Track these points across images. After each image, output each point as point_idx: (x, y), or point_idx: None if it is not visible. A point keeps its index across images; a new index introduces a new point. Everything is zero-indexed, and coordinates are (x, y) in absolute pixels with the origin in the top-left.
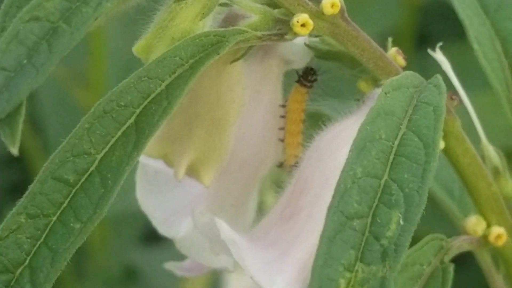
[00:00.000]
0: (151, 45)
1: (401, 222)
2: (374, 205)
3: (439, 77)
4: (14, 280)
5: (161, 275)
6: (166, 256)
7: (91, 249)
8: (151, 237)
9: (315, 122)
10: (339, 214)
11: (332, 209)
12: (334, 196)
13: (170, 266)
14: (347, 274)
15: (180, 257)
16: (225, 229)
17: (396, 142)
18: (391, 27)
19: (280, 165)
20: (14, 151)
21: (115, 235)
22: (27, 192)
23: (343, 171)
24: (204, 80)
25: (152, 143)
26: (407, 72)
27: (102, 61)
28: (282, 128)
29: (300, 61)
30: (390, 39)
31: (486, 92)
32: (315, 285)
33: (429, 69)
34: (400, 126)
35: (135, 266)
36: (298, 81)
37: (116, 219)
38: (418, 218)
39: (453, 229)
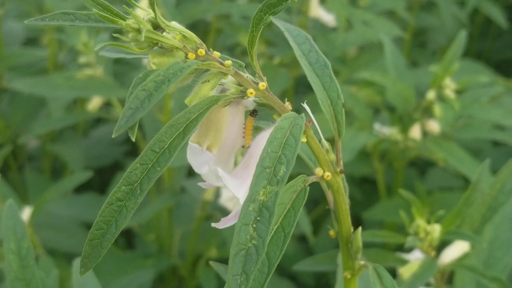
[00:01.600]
0: (191, 100)
1: (285, 170)
2: (275, 163)
3: (303, 114)
4: (133, 189)
5: (195, 190)
6: (197, 181)
7: (164, 178)
8: (191, 172)
9: (256, 130)
10: (261, 167)
11: (258, 164)
12: (259, 160)
13: (200, 184)
14: (263, 189)
15: (202, 180)
16: (220, 171)
17: (284, 139)
18: (285, 87)
19: (243, 147)
20: (133, 139)
21: (175, 173)
22: (139, 156)
23: (263, 150)
24: (212, 113)
25: (192, 137)
26: (291, 112)
27: (169, 102)
28: (243, 133)
29: (251, 107)
30: (286, 99)
31: (323, 118)
32: (250, 193)
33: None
34: (286, 133)
35: (184, 186)
36: (250, 114)
37: (178, 166)
38: (292, 168)
39: (311, 172)
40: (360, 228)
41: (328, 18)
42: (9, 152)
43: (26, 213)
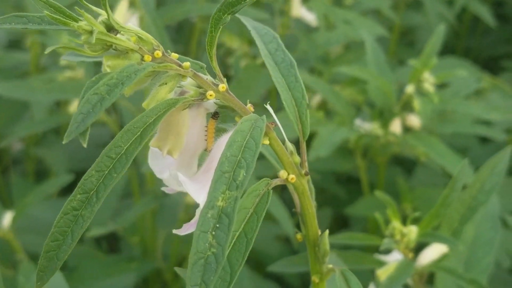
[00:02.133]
0: (149, 103)
1: (244, 174)
2: (234, 167)
3: (264, 116)
4: (89, 197)
5: (177, 193)
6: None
7: (147, 183)
8: None
9: (221, 132)
10: (219, 172)
11: (217, 169)
12: (217, 164)
13: (163, 189)
14: (222, 195)
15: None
16: (181, 176)
17: (244, 142)
18: (269, 87)
19: (205, 150)
20: (84, 145)
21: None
22: (94, 163)
23: (222, 154)
24: (172, 116)
25: (152, 141)
26: (252, 114)
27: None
28: (205, 135)
29: (212, 109)
30: (248, 101)
31: (287, 119)
32: (208, 199)
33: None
34: (246, 136)
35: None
36: (211, 117)
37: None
38: (252, 171)
39: (275, 175)
40: (327, 232)
41: (310, 17)
42: None
43: (7, 217)
